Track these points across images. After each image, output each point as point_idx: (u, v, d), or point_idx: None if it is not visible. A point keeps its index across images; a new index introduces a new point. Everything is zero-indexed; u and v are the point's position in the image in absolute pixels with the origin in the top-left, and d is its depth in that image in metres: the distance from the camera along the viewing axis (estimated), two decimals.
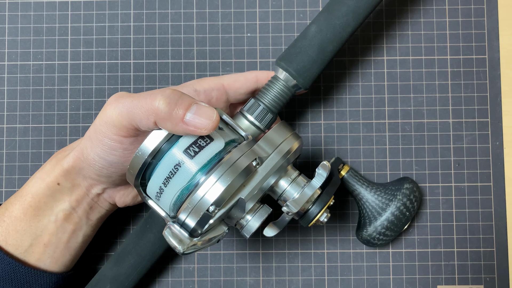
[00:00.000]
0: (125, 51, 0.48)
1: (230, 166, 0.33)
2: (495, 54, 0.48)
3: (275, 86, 0.39)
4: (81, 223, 0.40)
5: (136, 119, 0.34)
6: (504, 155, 0.47)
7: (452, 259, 0.47)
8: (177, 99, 0.33)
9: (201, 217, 0.33)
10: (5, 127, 0.48)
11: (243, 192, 0.34)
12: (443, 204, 0.47)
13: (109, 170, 0.37)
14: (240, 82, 0.41)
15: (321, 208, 0.37)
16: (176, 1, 0.48)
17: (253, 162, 0.34)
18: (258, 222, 0.36)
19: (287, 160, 0.36)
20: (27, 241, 0.39)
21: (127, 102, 0.34)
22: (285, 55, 0.40)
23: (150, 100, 0.33)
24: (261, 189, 0.35)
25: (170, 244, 0.33)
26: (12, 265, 0.38)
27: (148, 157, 0.34)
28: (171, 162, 0.34)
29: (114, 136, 0.35)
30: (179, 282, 0.47)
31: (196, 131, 0.33)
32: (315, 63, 0.39)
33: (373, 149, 0.48)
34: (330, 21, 0.39)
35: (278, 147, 0.36)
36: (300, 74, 0.39)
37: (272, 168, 0.35)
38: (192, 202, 0.33)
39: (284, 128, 0.37)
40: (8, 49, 0.48)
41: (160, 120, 0.33)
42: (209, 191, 0.33)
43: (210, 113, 0.33)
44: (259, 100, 0.39)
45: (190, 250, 0.34)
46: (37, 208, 0.39)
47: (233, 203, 0.34)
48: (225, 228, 0.36)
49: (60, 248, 0.40)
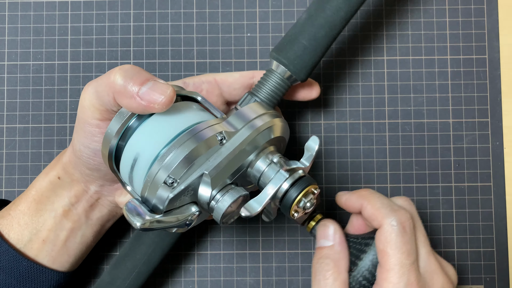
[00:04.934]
0: (125, 51, 0.48)
1: (191, 137, 0.32)
2: (495, 54, 0.48)
3: (269, 79, 0.38)
4: (80, 222, 0.40)
5: (101, 98, 0.34)
6: (504, 155, 0.47)
7: (452, 259, 0.47)
8: (134, 74, 0.33)
9: (159, 189, 0.31)
10: (5, 127, 0.48)
11: (206, 166, 0.32)
12: (443, 204, 0.47)
13: (95, 160, 0.37)
14: (233, 78, 0.40)
15: (300, 190, 0.34)
16: (176, 1, 0.48)
17: (218, 136, 0.32)
18: (228, 201, 0.33)
19: (261, 137, 0.34)
20: (27, 235, 0.39)
21: (94, 83, 0.34)
22: (277, 45, 0.39)
23: (108, 75, 0.33)
24: (229, 166, 0.33)
25: (128, 219, 0.32)
26: (15, 257, 0.38)
27: (116, 134, 0.33)
28: (132, 149, 0.33)
29: (91, 120, 0.35)
30: (179, 282, 0.47)
31: (149, 106, 0.32)
32: (306, 50, 0.38)
33: (373, 149, 0.48)
34: (320, 6, 0.38)
35: (249, 123, 0.34)
36: (291, 62, 0.38)
37: (240, 143, 0.33)
38: (151, 175, 0.32)
39: (260, 106, 0.36)
40: (8, 49, 0.48)
41: (117, 95, 0.33)
42: (166, 161, 0.31)
43: (165, 88, 0.32)
44: (254, 95, 0.38)
45: (153, 226, 0.32)
46: (40, 202, 0.39)
47: (196, 178, 0.32)
48: (195, 210, 0.33)
49: (58, 247, 0.40)
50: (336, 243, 0.36)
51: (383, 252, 0.34)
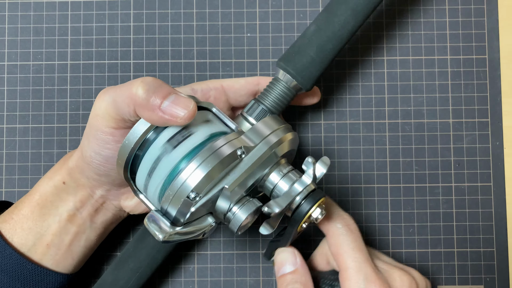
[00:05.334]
0: (125, 51, 0.48)
1: (212, 153, 0.33)
2: (495, 54, 0.48)
3: (276, 87, 0.39)
4: (85, 226, 0.40)
5: (120, 108, 0.34)
6: (504, 155, 0.47)
7: (452, 259, 0.47)
8: (156, 87, 0.33)
9: (181, 203, 0.32)
10: (5, 127, 0.48)
11: (227, 180, 0.34)
12: (443, 204, 0.47)
13: (106, 166, 0.37)
14: (240, 84, 0.41)
15: (312, 204, 0.35)
16: (176, 1, 0.48)
17: (238, 151, 0.33)
18: (244, 214, 0.35)
19: (275, 151, 0.35)
20: (31, 240, 0.39)
21: (111, 92, 0.34)
22: (285, 55, 0.40)
23: (130, 86, 0.33)
24: (247, 180, 0.34)
25: (150, 231, 0.33)
26: (19, 261, 0.38)
27: (134, 145, 0.34)
28: (154, 152, 0.34)
29: (105, 128, 0.35)
30: (179, 282, 0.47)
31: (172, 120, 0.32)
32: (314, 62, 0.39)
33: (373, 149, 0.48)
34: (329, 19, 0.39)
35: (266, 138, 0.35)
36: (298, 73, 0.39)
37: (258, 158, 0.34)
38: (173, 188, 0.32)
39: (274, 120, 0.37)
40: (8, 49, 0.48)
41: (138, 108, 0.33)
42: (189, 177, 0.32)
43: (187, 103, 0.32)
44: (260, 102, 0.39)
45: (173, 238, 0.33)
46: (44, 207, 0.39)
47: (216, 191, 0.34)
48: (211, 221, 0.35)
49: (62, 251, 0.40)
50: (299, 266, 0.38)
51: (337, 255, 0.37)
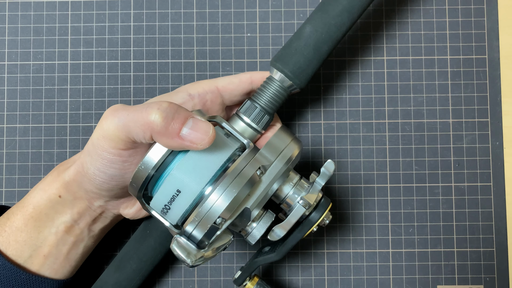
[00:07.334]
0: (125, 51, 0.48)
1: (236, 177, 0.33)
2: (495, 54, 0.48)
3: (270, 87, 0.39)
4: (83, 235, 0.40)
5: (133, 132, 0.33)
6: (504, 155, 0.47)
7: (452, 259, 0.47)
8: (174, 113, 0.32)
9: (208, 229, 0.33)
10: (5, 127, 0.48)
11: (248, 201, 0.35)
12: (443, 204, 0.47)
13: (110, 183, 0.37)
14: (234, 84, 0.40)
15: (321, 213, 0.37)
16: (176, 1, 0.48)
17: (257, 172, 0.34)
18: (263, 228, 0.37)
19: (289, 166, 0.37)
20: (27, 252, 0.38)
21: (122, 116, 0.34)
22: (280, 56, 0.40)
23: (146, 114, 0.32)
24: (265, 197, 0.36)
25: (179, 257, 0.33)
26: (13, 271, 0.38)
27: (151, 170, 0.34)
28: (174, 183, 0.34)
29: (112, 149, 0.35)
30: (179, 282, 0.47)
31: (192, 146, 0.32)
32: (311, 63, 0.39)
33: (373, 149, 0.48)
34: (325, 20, 0.39)
35: (281, 154, 0.36)
36: (296, 76, 0.39)
37: (275, 175, 0.35)
38: (199, 215, 0.33)
39: (285, 133, 0.37)
40: (8, 49, 0.48)
41: (156, 135, 0.33)
42: (215, 203, 0.33)
43: (207, 128, 0.32)
44: (255, 102, 0.39)
45: (199, 262, 0.34)
46: (38, 219, 0.39)
47: (239, 213, 0.34)
48: (231, 236, 0.36)
49: (60, 260, 0.40)
50: None
51: None
